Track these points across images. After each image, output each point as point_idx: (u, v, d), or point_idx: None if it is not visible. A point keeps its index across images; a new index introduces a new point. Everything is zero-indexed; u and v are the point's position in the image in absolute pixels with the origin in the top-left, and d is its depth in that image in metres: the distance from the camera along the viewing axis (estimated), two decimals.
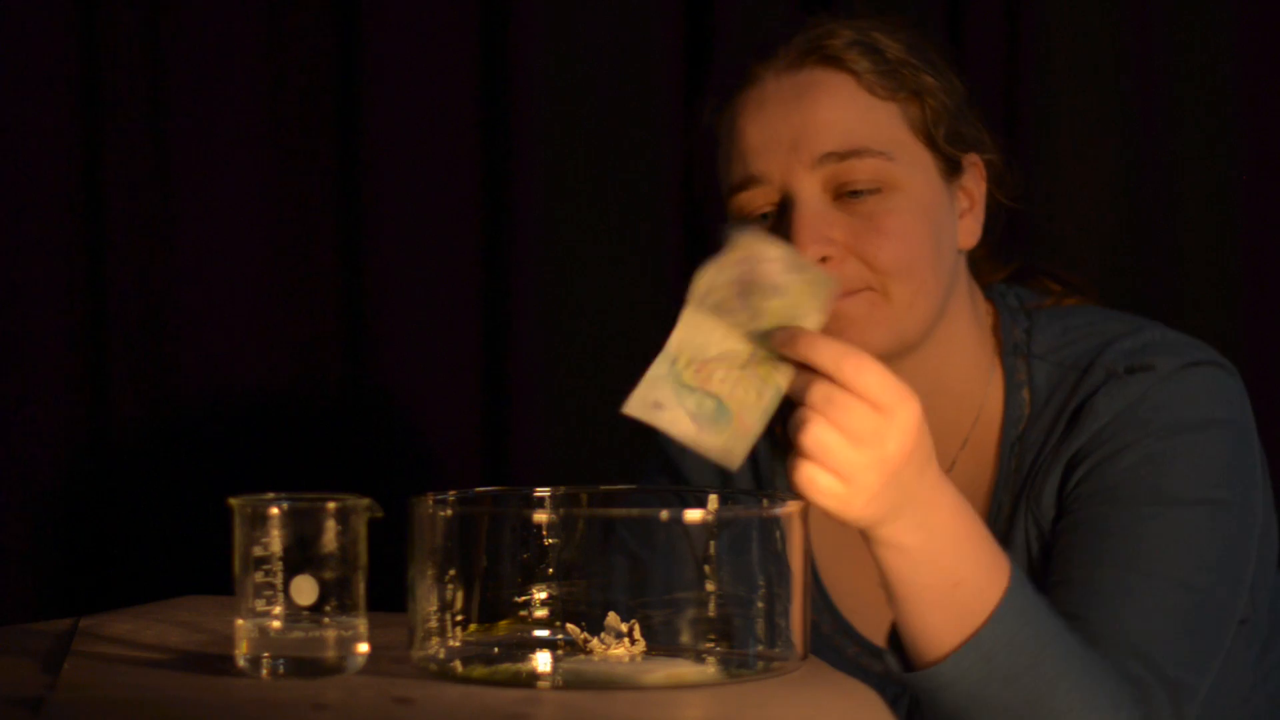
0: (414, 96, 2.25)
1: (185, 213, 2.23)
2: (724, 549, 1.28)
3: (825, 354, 1.29)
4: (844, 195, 1.55)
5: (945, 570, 1.36)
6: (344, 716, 1.17)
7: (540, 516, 1.29)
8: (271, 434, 2.25)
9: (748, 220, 1.58)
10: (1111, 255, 2.29)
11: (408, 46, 2.25)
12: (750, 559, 1.28)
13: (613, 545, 1.29)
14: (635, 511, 1.30)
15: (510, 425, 2.26)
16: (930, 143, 1.59)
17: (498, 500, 1.45)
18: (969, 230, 1.63)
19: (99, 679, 1.29)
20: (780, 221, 1.56)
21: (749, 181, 1.57)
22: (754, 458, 1.72)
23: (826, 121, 1.55)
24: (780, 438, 1.38)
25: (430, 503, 1.30)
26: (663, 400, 1.31)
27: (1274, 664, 1.69)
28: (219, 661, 1.32)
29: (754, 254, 1.33)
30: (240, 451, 2.23)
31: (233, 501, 1.27)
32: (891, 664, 1.42)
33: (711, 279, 1.32)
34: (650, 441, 1.79)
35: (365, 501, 1.28)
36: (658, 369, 1.31)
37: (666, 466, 1.75)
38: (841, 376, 1.28)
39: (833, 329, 1.51)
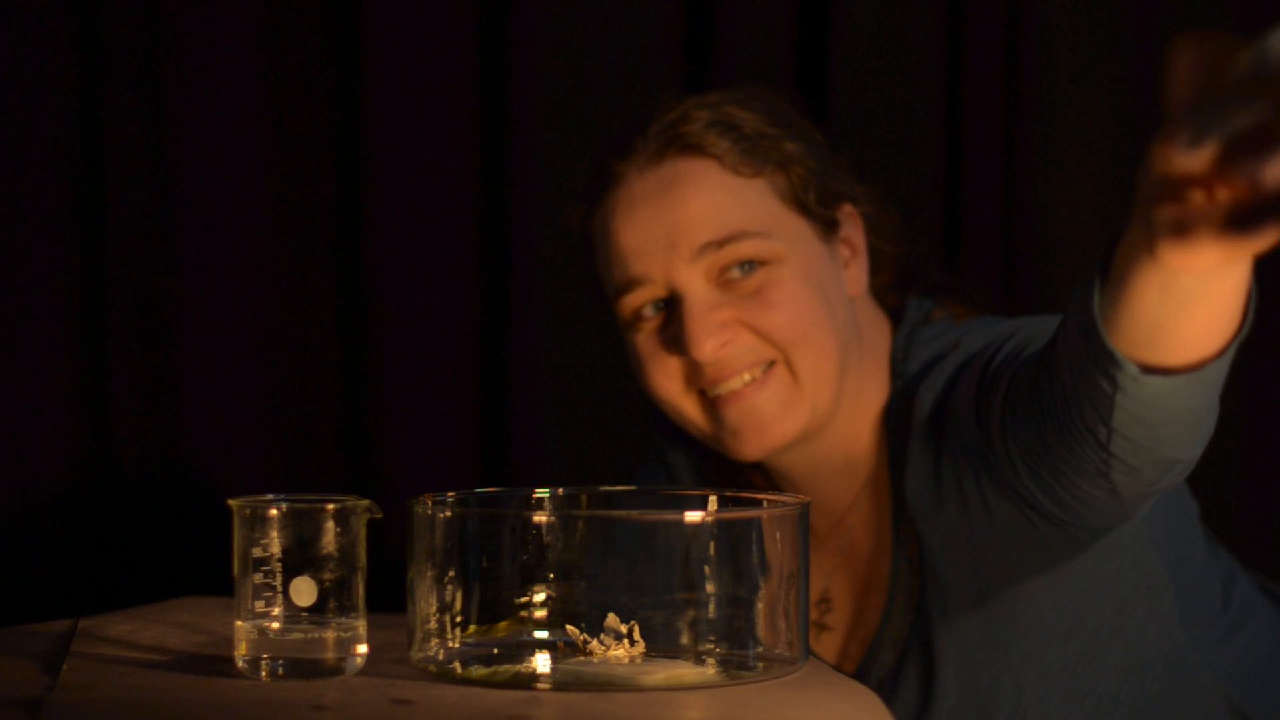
0: (414, 97, 2.25)
1: (184, 213, 2.22)
2: (724, 549, 1.28)
3: None
4: (728, 278, 1.56)
5: None
6: (343, 718, 1.17)
7: (540, 517, 1.29)
8: (271, 435, 2.25)
9: (641, 318, 1.60)
10: None
11: (408, 46, 2.25)
12: (750, 559, 1.28)
13: (612, 546, 1.29)
14: (635, 513, 1.30)
15: (510, 425, 2.26)
16: (803, 209, 1.59)
17: (497, 501, 1.45)
18: (855, 279, 1.64)
19: (98, 680, 1.29)
20: (671, 315, 1.58)
21: (632, 284, 1.59)
22: (732, 464, 1.73)
23: (699, 213, 1.56)
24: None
25: (430, 503, 1.30)
26: None
27: (1244, 647, 1.68)
28: (218, 663, 1.32)
29: None
30: (240, 452, 2.23)
31: (232, 502, 1.27)
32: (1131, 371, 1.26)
33: None
34: (646, 436, 1.80)
35: (365, 502, 1.28)
36: None
37: (660, 458, 1.77)
38: None
39: (750, 426, 1.54)
